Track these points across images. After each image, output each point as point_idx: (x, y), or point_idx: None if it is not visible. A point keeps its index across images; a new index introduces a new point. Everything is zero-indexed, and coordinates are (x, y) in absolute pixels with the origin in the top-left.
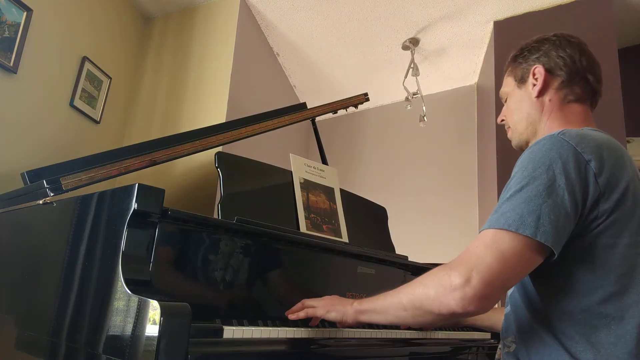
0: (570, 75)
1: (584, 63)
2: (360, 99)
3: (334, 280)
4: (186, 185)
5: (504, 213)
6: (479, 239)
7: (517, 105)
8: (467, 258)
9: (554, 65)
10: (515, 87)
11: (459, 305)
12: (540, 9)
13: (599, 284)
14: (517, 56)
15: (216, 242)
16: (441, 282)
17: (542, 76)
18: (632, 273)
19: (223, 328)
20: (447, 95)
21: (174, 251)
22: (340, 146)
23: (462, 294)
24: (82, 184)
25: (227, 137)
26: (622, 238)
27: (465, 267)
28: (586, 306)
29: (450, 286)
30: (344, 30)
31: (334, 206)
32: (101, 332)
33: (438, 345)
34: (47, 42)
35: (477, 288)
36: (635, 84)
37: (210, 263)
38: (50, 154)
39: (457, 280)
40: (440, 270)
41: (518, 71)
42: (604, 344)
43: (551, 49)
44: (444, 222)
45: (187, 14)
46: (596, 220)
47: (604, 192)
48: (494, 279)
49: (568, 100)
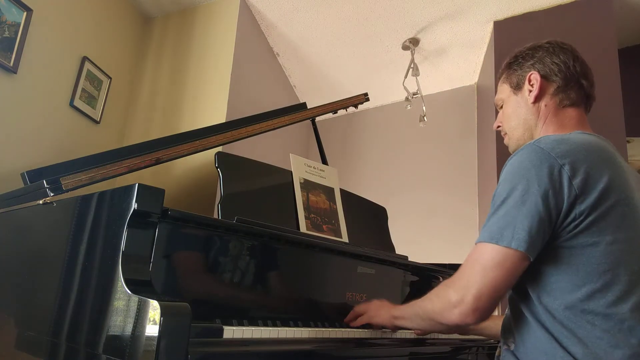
0: (566, 81)
1: (577, 68)
2: (360, 99)
3: (334, 280)
4: (186, 185)
5: (489, 227)
6: (470, 254)
7: (514, 111)
8: (460, 275)
9: (549, 71)
10: (511, 94)
11: (459, 320)
12: (540, 9)
13: (582, 282)
14: (512, 63)
15: (216, 242)
16: (442, 300)
17: (538, 82)
18: (615, 270)
19: (223, 328)
20: (447, 95)
21: (174, 251)
22: (340, 146)
23: (460, 311)
24: (82, 184)
25: (227, 137)
26: (604, 236)
27: (460, 285)
28: (570, 304)
29: (450, 303)
30: (344, 31)
31: (334, 206)
32: (101, 332)
33: (438, 345)
34: (47, 42)
35: (469, 304)
36: (635, 84)
37: (210, 263)
38: (50, 154)
39: (454, 298)
40: (442, 287)
41: (513, 78)
42: (590, 338)
43: (545, 56)
44: (444, 222)
45: (187, 14)
46: (575, 220)
47: (580, 193)
48: (483, 292)
49: (563, 105)
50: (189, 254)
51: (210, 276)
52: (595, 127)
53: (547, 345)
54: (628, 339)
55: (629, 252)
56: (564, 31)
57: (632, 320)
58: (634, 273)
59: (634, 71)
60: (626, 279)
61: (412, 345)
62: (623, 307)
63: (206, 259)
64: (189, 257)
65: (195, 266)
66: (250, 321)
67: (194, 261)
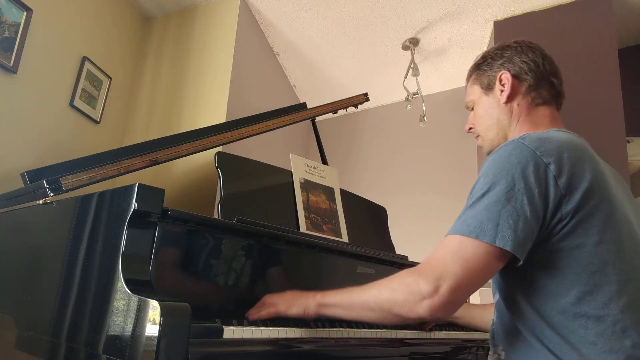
0: (537, 80)
1: (547, 67)
2: (360, 99)
3: (334, 280)
4: (186, 185)
5: (466, 220)
6: (445, 245)
7: (486, 111)
8: (433, 265)
9: (520, 70)
10: (482, 94)
11: (427, 313)
12: (540, 9)
13: (571, 284)
14: (481, 64)
15: (216, 242)
16: (409, 289)
17: (509, 82)
18: (603, 270)
19: (223, 328)
20: (447, 95)
21: (174, 251)
22: (340, 146)
23: (431, 303)
24: (82, 184)
25: (227, 137)
26: (590, 237)
27: (433, 275)
28: (562, 308)
29: (419, 294)
30: (344, 30)
31: (334, 206)
32: (101, 332)
33: (438, 345)
34: (47, 42)
35: (444, 297)
36: (635, 84)
37: (210, 263)
38: (50, 154)
39: (425, 289)
40: (407, 275)
41: (484, 79)
42: (584, 343)
43: (514, 55)
44: (444, 222)
45: (187, 14)
46: (561, 222)
47: (566, 193)
48: (460, 285)
49: (536, 103)
50: (189, 254)
51: (210, 276)
52: (595, 127)
53: (540, 354)
54: (622, 342)
55: (617, 252)
56: (564, 31)
57: (624, 322)
58: (623, 272)
59: (634, 71)
60: (616, 279)
61: (412, 345)
62: (614, 308)
63: (206, 259)
64: (189, 257)
65: (195, 266)
66: (250, 321)
67: (194, 261)
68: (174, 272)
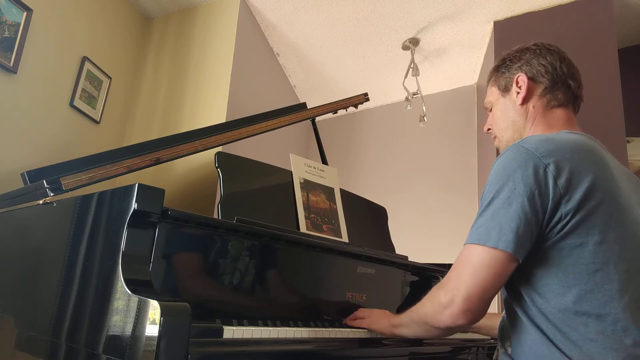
0: (553, 82)
1: (564, 70)
2: (360, 99)
3: (334, 280)
4: (186, 185)
5: (477, 229)
6: (460, 255)
7: (503, 113)
8: (450, 277)
9: (536, 72)
10: (499, 96)
11: (450, 321)
12: (540, 9)
13: (572, 283)
14: (500, 66)
15: (216, 242)
16: (434, 301)
17: (525, 84)
18: (604, 270)
19: (223, 328)
20: (447, 95)
21: (174, 251)
22: (340, 146)
23: (450, 312)
24: (82, 184)
25: (227, 137)
26: (592, 236)
27: (449, 287)
28: (562, 306)
29: (441, 305)
30: (344, 30)
31: (334, 206)
32: (101, 332)
33: (438, 345)
34: (47, 42)
35: (459, 305)
36: (635, 84)
37: (210, 263)
38: (50, 154)
39: (444, 299)
40: (435, 288)
41: (501, 80)
42: (584, 340)
43: (532, 58)
44: (444, 222)
45: (187, 14)
46: (561, 221)
47: (565, 193)
48: (472, 293)
49: (551, 105)
50: (189, 254)
51: (210, 276)
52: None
53: (544, 347)
54: (622, 340)
55: (619, 252)
56: (564, 31)
57: (626, 321)
58: (625, 272)
59: (634, 71)
60: (617, 278)
61: (412, 345)
62: (616, 307)
63: (206, 259)
64: (189, 257)
65: (195, 266)
66: (250, 321)
67: (194, 261)
68: (174, 272)
